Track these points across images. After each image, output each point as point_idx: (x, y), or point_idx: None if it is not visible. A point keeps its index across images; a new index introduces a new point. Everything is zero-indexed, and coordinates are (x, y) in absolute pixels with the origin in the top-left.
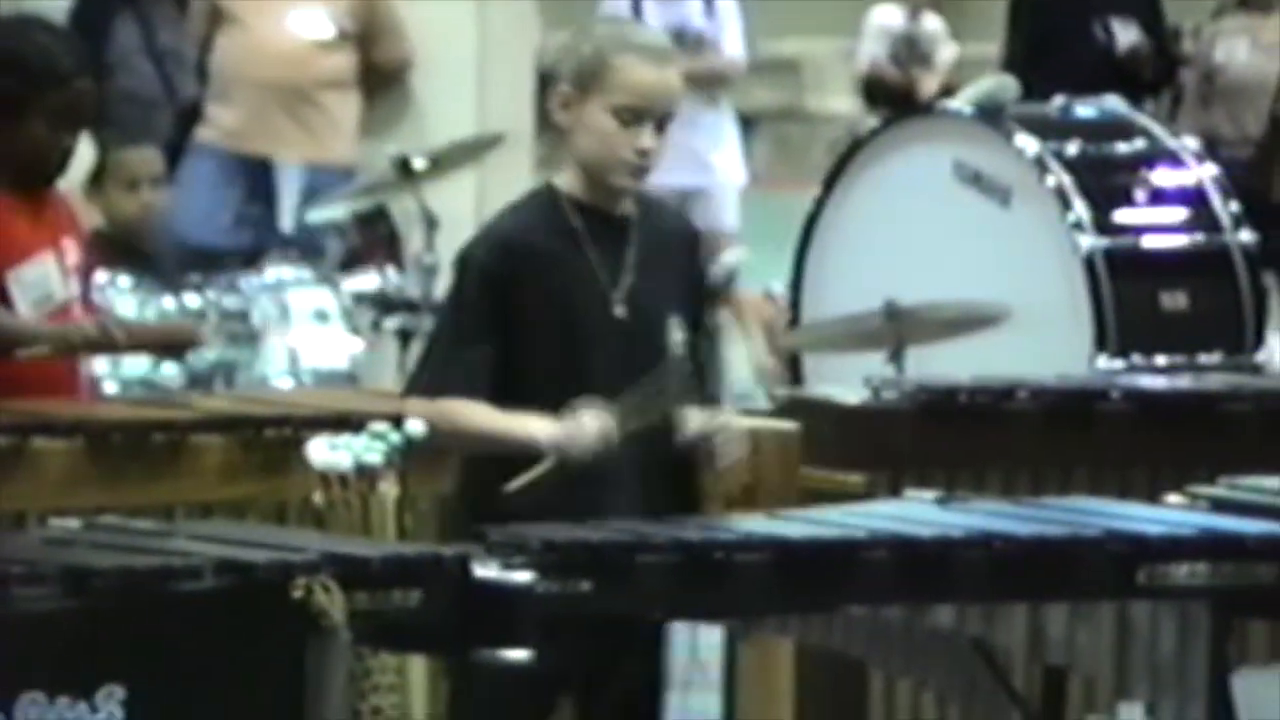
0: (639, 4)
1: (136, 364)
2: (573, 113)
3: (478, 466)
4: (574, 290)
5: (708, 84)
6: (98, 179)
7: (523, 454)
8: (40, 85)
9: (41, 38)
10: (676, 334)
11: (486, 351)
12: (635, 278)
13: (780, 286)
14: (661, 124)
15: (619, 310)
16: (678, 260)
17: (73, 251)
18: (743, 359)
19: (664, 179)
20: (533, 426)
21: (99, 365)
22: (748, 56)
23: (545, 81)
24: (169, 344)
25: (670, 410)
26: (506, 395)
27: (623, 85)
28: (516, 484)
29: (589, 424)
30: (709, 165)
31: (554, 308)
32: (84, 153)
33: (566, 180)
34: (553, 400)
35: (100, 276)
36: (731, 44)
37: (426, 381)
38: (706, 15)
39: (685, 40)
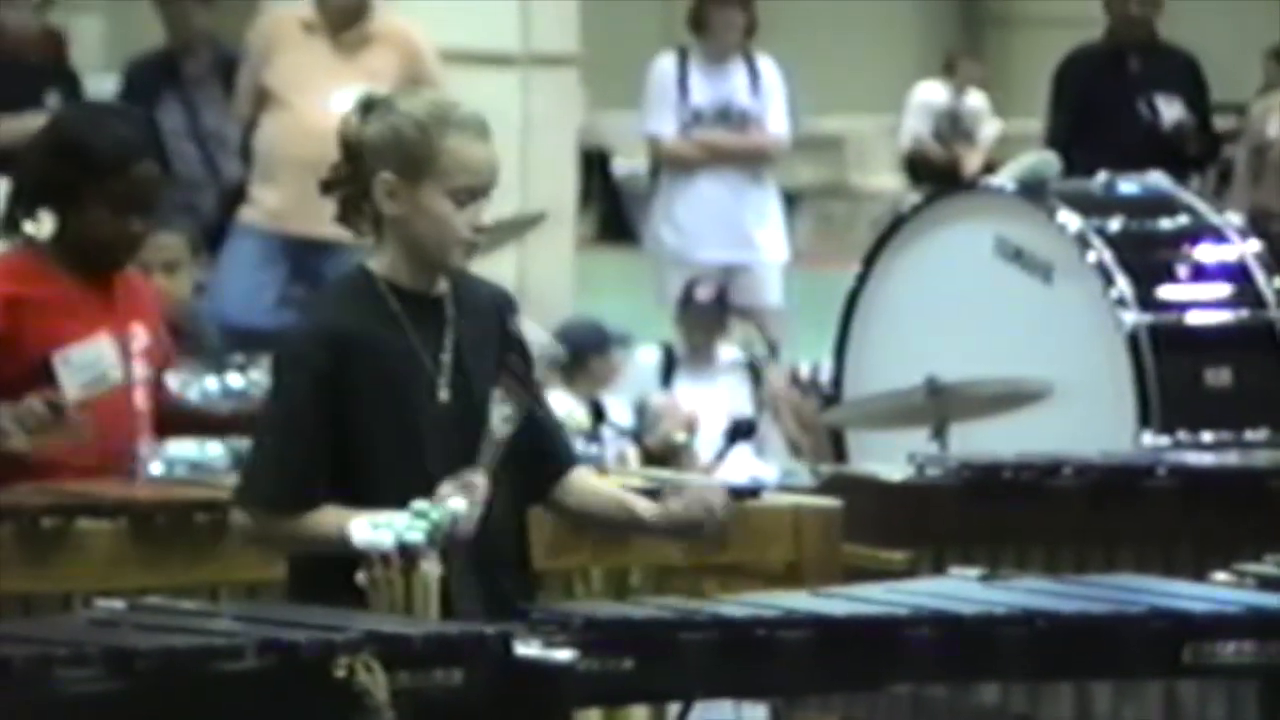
0: (685, 81)
1: (183, 446)
2: (400, 200)
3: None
4: (401, 377)
5: (751, 160)
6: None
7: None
8: (100, 172)
9: (102, 123)
10: (501, 409)
11: (321, 454)
12: (455, 358)
13: (806, 368)
14: (488, 196)
15: (444, 394)
16: (492, 331)
17: (141, 336)
18: (777, 438)
19: (706, 255)
20: (347, 523)
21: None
22: (792, 133)
23: (353, 160)
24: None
25: (509, 436)
26: (341, 488)
27: (456, 167)
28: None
29: (477, 488)
30: (752, 242)
31: (385, 398)
32: None
33: (382, 264)
34: (387, 491)
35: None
36: (775, 121)
37: (260, 493)
38: (752, 92)
39: (730, 117)
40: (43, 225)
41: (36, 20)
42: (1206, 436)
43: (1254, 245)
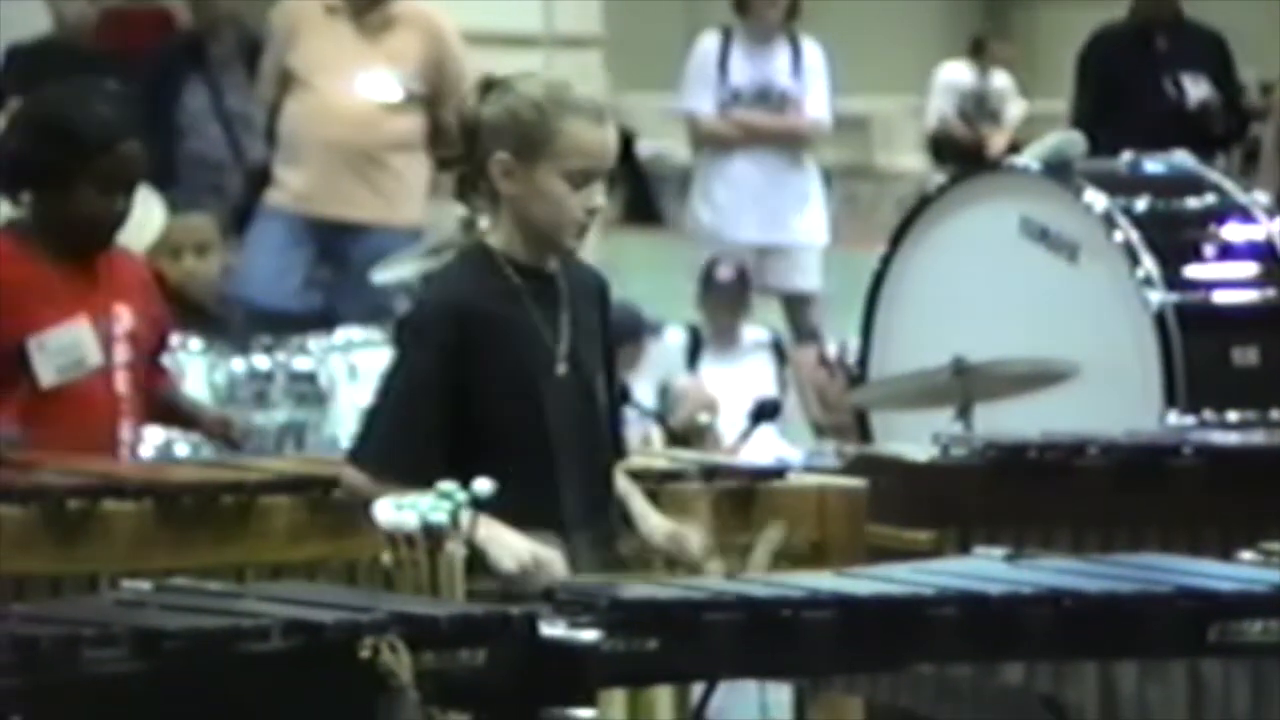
0: (725, 62)
1: None
2: (517, 180)
3: None
4: (523, 352)
5: (788, 142)
6: (155, 244)
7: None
8: (86, 152)
9: (86, 103)
10: (603, 389)
11: (439, 426)
12: (571, 335)
13: (834, 347)
14: (605, 179)
15: (561, 369)
16: (595, 314)
17: (126, 317)
18: (803, 419)
19: (741, 235)
20: (493, 545)
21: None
22: (832, 116)
23: (470, 140)
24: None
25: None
26: (463, 461)
27: (572, 149)
28: (473, 586)
29: (547, 565)
30: (787, 224)
31: (507, 370)
32: (155, 215)
33: (499, 240)
34: (511, 463)
35: (171, 339)
36: (815, 104)
37: (375, 453)
38: (793, 74)
39: (770, 98)
40: (19, 207)
41: None
42: (1233, 416)
43: None
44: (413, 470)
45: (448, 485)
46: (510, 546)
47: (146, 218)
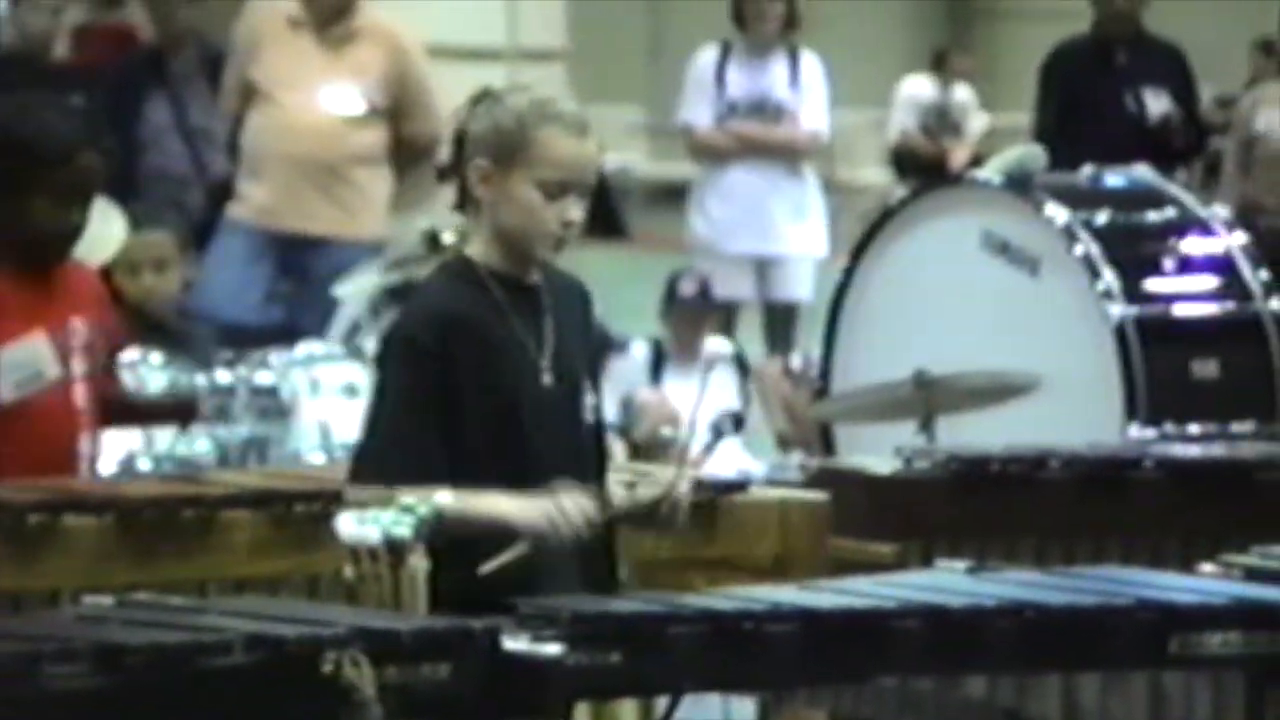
0: (723, 74)
1: (169, 441)
2: (493, 186)
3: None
4: (507, 363)
5: (784, 154)
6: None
7: (491, 535)
8: (43, 164)
9: (42, 115)
10: (589, 398)
11: (436, 432)
12: (555, 345)
13: (798, 360)
14: (582, 194)
15: (546, 379)
16: (580, 323)
17: (81, 330)
18: (766, 431)
19: (735, 246)
20: (506, 508)
21: (132, 442)
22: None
23: (457, 150)
24: None
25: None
26: (448, 472)
27: (547, 159)
28: (490, 567)
29: (571, 510)
30: (783, 235)
31: (490, 381)
32: (115, 229)
33: (479, 251)
34: (492, 474)
35: (132, 353)
36: (812, 116)
37: (379, 468)
38: (791, 86)
39: (765, 110)
40: None
41: None
42: (1193, 429)
43: (1240, 238)
44: (418, 475)
45: (409, 499)
46: (528, 506)
47: (106, 231)
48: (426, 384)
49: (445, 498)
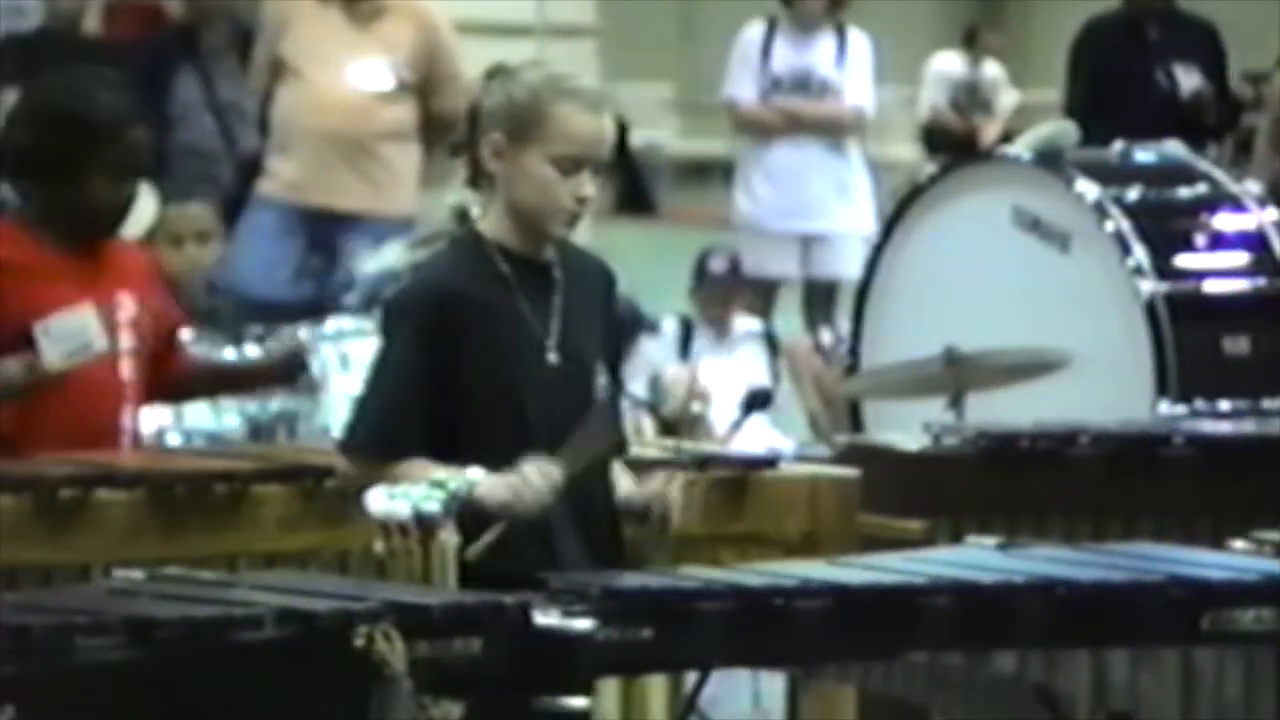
0: (769, 48)
1: (199, 415)
2: (507, 161)
3: None
4: (510, 339)
5: (828, 130)
6: (150, 234)
7: (470, 512)
8: (96, 140)
9: (93, 91)
10: (601, 378)
11: (424, 407)
12: (564, 324)
13: (829, 336)
14: (597, 170)
15: (552, 357)
16: (596, 304)
17: (128, 306)
18: (796, 408)
19: (780, 224)
20: (481, 492)
21: (163, 417)
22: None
23: (472, 125)
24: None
25: (602, 454)
26: (445, 447)
27: (561, 134)
28: (475, 550)
29: (534, 477)
30: (829, 213)
31: (491, 357)
32: (146, 206)
33: (491, 227)
34: (492, 451)
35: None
36: (856, 92)
37: (364, 439)
38: (837, 63)
39: (809, 87)
40: (20, 196)
41: None
42: (1224, 405)
43: (1272, 214)
44: (402, 453)
45: (440, 474)
46: (494, 480)
47: (139, 208)
48: (417, 357)
49: (478, 474)
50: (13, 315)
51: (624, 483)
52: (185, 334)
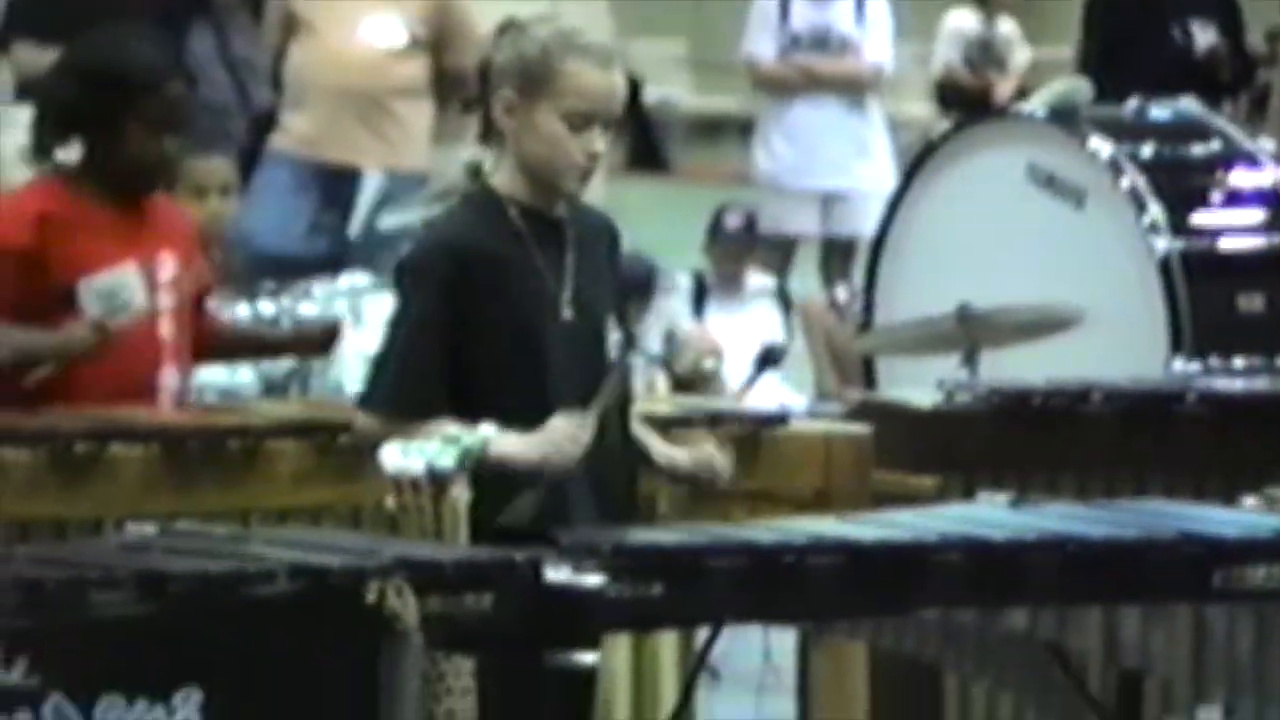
0: (787, 5)
1: (212, 371)
2: (518, 118)
3: None
4: (525, 295)
5: (848, 88)
6: (168, 188)
7: (493, 470)
8: (134, 94)
9: (131, 44)
10: (613, 334)
11: (443, 365)
12: (577, 279)
13: (844, 292)
14: (607, 126)
15: (567, 313)
16: (604, 259)
17: (169, 265)
18: (810, 366)
19: (800, 182)
20: (505, 446)
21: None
22: (894, 63)
23: (483, 81)
24: (310, 341)
25: (616, 411)
26: (461, 403)
27: (572, 90)
28: (511, 516)
29: (564, 436)
30: (849, 170)
31: (507, 313)
32: None
33: (504, 182)
34: (509, 408)
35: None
36: (876, 49)
37: (383, 397)
38: (856, 20)
39: (828, 44)
40: (71, 153)
41: None
42: (1238, 362)
43: None
44: (422, 411)
45: (453, 430)
46: (523, 442)
47: None
48: (436, 315)
49: (491, 430)
50: (60, 273)
51: (658, 445)
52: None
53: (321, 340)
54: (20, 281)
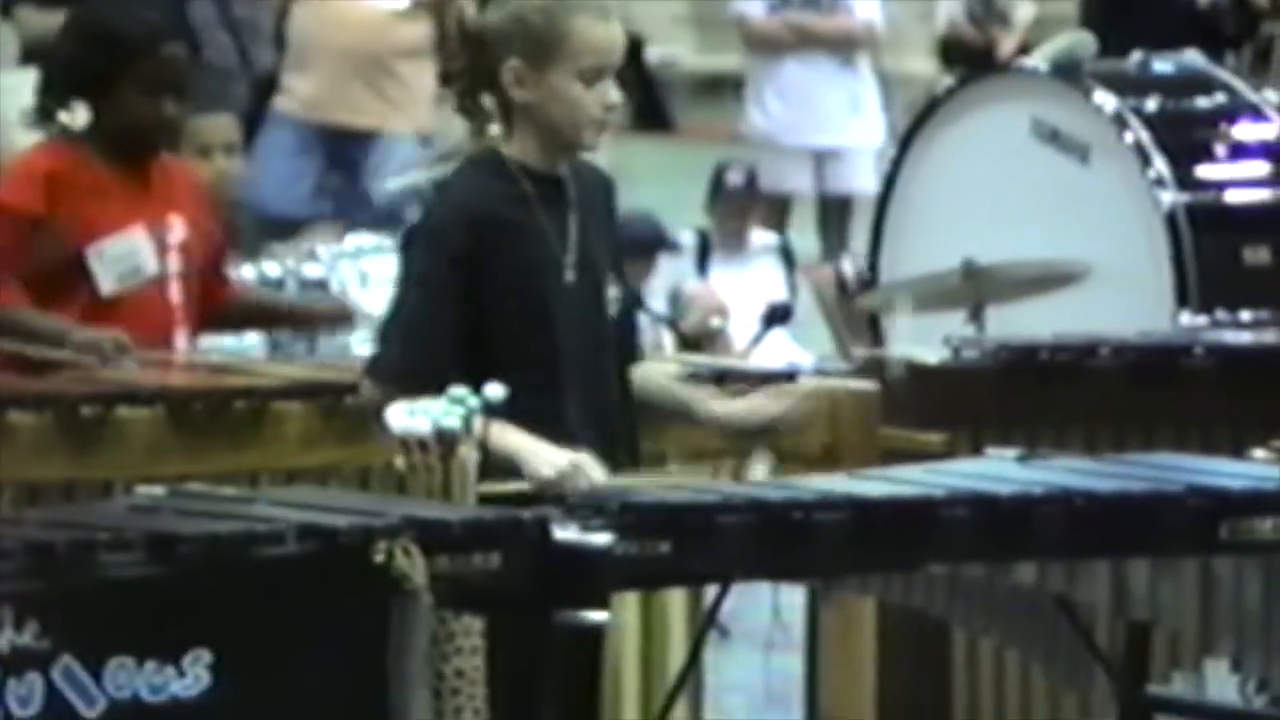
0: None
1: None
2: (530, 86)
3: None
4: (533, 259)
5: (839, 45)
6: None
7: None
8: (129, 55)
9: (126, 5)
10: (612, 292)
11: (454, 333)
12: (579, 241)
13: (850, 266)
14: (613, 75)
15: (570, 275)
16: (603, 214)
17: (178, 229)
18: (816, 323)
19: (792, 139)
20: (523, 450)
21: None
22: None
23: (475, 50)
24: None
25: (614, 371)
26: (469, 367)
27: (582, 48)
28: (487, 490)
29: (585, 470)
30: (842, 127)
31: (517, 277)
32: None
33: (513, 148)
34: (515, 372)
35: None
36: (866, 5)
37: (393, 366)
38: None
39: (819, 1)
40: (77, 116)
41: None
42: (1245, 315)
43: None
44: (432, 378)
45: (459, 390)
46: (544, 453)
47: None
48: (448, 280)
49: (496, 390)
50: (69, 238)
51: (715, 404)
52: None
53: (332, 319)
54: (32, 246)
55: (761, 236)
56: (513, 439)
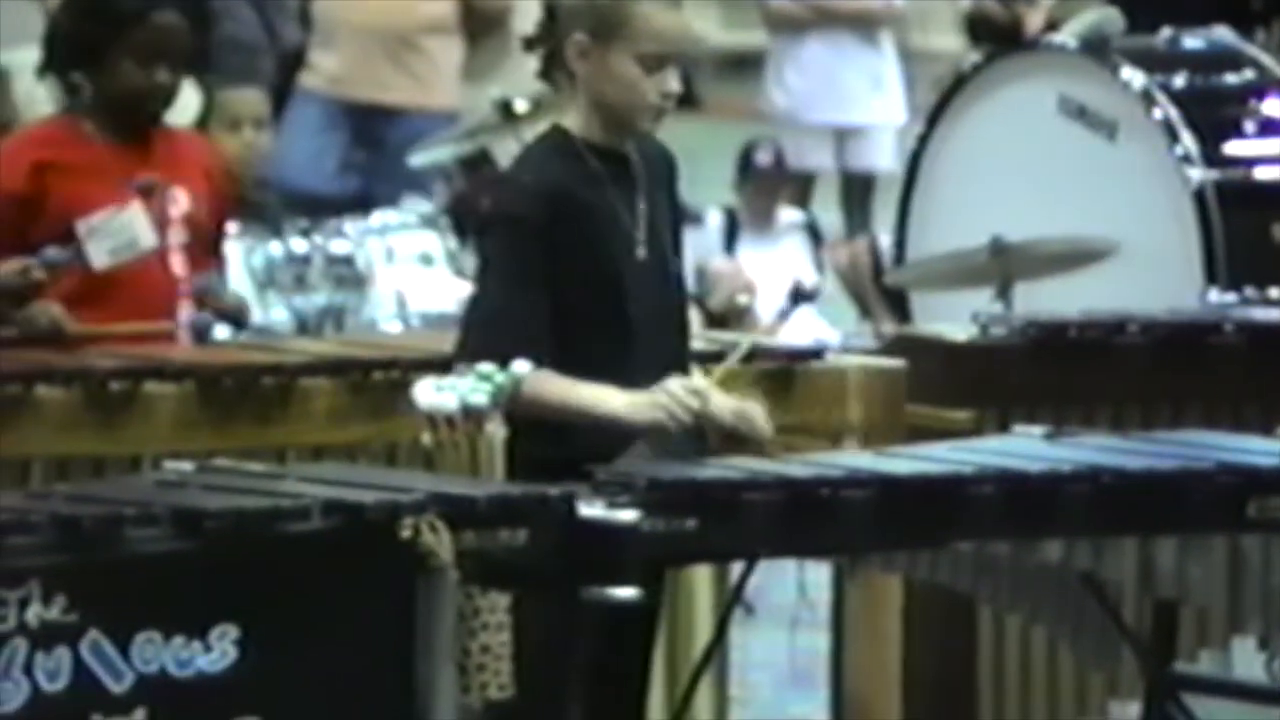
0: None
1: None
2: (591, 61)
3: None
4: (607, 237)
5: (860, 23)
6: (201, 122)
7: (599, 428)
8: (119, 24)
9: None
10: (675, 267)
11: (544, 309)
12: (648, 217)
13: (872, 238)
14: (679, 64)
15: (641, 252)
16: (666, 190)
17: (181, 200)
18: (843, 300)
19: (814, 116)
20: (615, 405)
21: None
22: None
23: (548, 20)
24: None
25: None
26: (554, 349)
27: (645, 33)
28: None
29: (680, 393)
30: (865, 105)
31: (592, 256)
32: (189, 99)
33: (575, 123)
34: (592, 350)
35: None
36: None
37: (488, 345)
38: None
39: None
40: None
41: None
42: (1274, 292)
43: None
44: (531, 352)
45: (486, 367)
46: (637, 401)
47: (182, 101)
48: (533, 260)
49: (524, 367)
50: (55, 210)
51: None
52: (231, 228)
53: (234, 316)
54: (17, 222)
55: (788, 214)
56: (597, 396)
